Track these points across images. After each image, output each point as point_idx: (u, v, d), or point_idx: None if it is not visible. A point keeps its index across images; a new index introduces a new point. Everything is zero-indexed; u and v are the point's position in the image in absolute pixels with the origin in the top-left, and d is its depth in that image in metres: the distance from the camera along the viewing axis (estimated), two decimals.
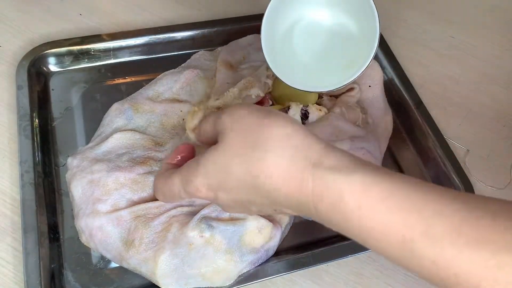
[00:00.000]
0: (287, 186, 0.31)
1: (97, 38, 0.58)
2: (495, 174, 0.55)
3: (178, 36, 0.61)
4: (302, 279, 0.46)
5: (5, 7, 0.62)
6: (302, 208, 0.32)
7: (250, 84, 0.51)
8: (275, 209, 0.35)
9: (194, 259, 0.41)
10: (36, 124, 0.51)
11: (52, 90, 0.56)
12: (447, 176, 0.53)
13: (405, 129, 0.58)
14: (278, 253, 0.46)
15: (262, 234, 0.44)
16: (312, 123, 0.50)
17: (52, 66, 0.57)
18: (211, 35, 0.61)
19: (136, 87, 0.54)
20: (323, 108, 0.51)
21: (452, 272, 0.26)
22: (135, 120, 0.50)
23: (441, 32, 0.69)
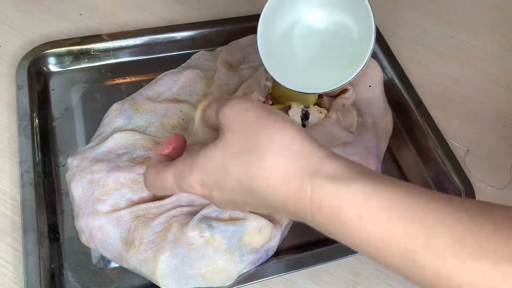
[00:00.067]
0: (284, 191, 0.30)
1: (97, 38, 0.58)
2: (495, 174, 0.55)
3: (178, 36, 0.61)
4: (302, 279, 0.46)
5: (5, 7, 0.62)
6: (298, 215, 0.31)
7: (249, 90, 0.51)
8: (269, 211, 0.34)
9: (194, 259, 0.41)
10: (36, 124, 0.51)
11: (52, 90, 0.56)
12: (447, 176, 0.53)
13: (405, 129, 0.58)
14: (278, 253, 0.46)
15: (262, 234, 0.44)
16: (307, 129, 0.50)
17: (52, 66, 0.57)
18: (211, 35, 0.61)
19: (136, 87, 0.54)
20: (323, 110, 0.51)
21: (454, 282, 0.26)
22: (135, 120, 0.50)
23: (441, 32, 0.69)
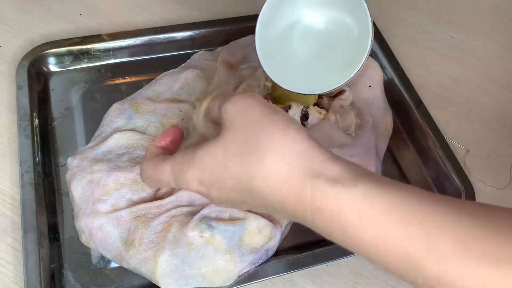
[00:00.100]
0: (284, 192, 0.30)
1: (97, 38, 0.58)
2: (495, 174, 0.55)
3: (178, 36, 0.61)
4: (302, 279, 0.46)
5: (5, 7, 0.62)
6: (297, 216, 0.31)
7: (249, 89, 0.51)
8: (268, 211, 0.34)
9: (194, 259, 0.41)
10: (36, 124, 0.51)
11: (52, 90, 0.56)
12: (447, 176, 0.53)
13: (405, 129, 0.58)
14: (278, 253, 0.46)
15: (262, 234, 0.44)
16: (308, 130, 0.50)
17: (52, 66, 0.57)
18: (211, 35, 0.61)
19: (136, 87, 0.54)
20: (322, 111, 0.51)
21: (455, 285, 0.26)
22: (135, 120, 0.50)
23: (441, 32, 0.69)
